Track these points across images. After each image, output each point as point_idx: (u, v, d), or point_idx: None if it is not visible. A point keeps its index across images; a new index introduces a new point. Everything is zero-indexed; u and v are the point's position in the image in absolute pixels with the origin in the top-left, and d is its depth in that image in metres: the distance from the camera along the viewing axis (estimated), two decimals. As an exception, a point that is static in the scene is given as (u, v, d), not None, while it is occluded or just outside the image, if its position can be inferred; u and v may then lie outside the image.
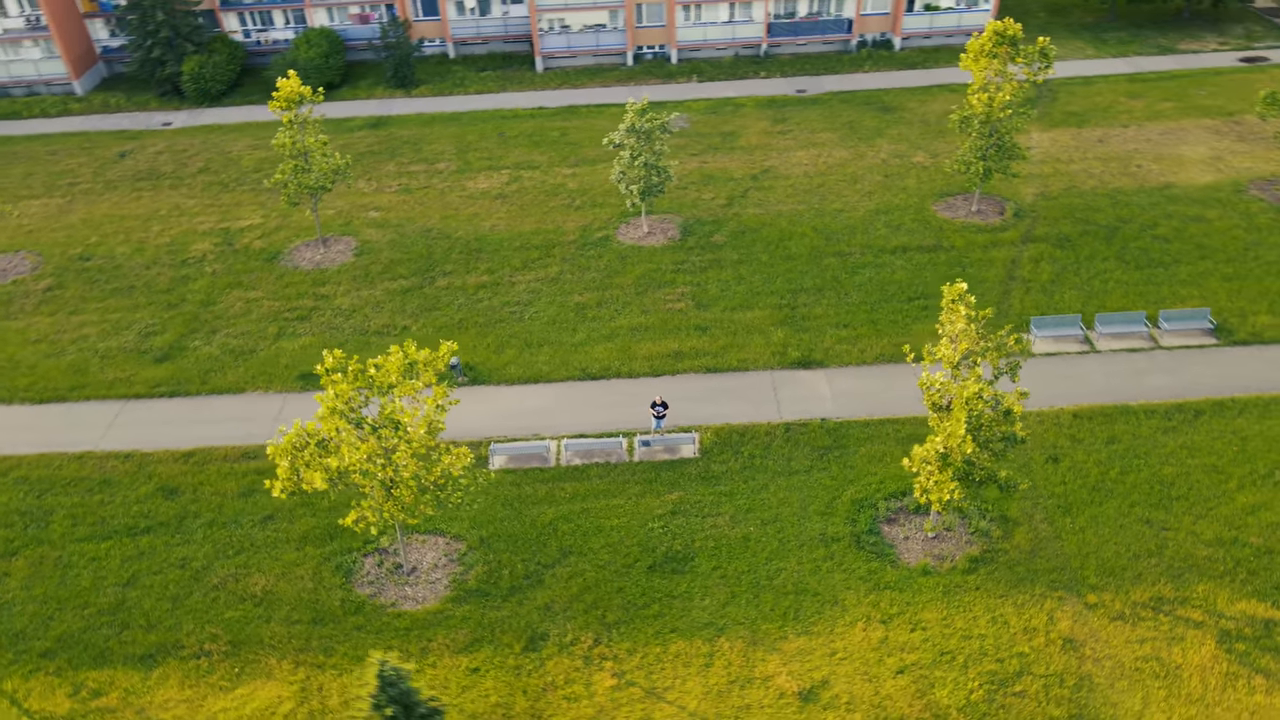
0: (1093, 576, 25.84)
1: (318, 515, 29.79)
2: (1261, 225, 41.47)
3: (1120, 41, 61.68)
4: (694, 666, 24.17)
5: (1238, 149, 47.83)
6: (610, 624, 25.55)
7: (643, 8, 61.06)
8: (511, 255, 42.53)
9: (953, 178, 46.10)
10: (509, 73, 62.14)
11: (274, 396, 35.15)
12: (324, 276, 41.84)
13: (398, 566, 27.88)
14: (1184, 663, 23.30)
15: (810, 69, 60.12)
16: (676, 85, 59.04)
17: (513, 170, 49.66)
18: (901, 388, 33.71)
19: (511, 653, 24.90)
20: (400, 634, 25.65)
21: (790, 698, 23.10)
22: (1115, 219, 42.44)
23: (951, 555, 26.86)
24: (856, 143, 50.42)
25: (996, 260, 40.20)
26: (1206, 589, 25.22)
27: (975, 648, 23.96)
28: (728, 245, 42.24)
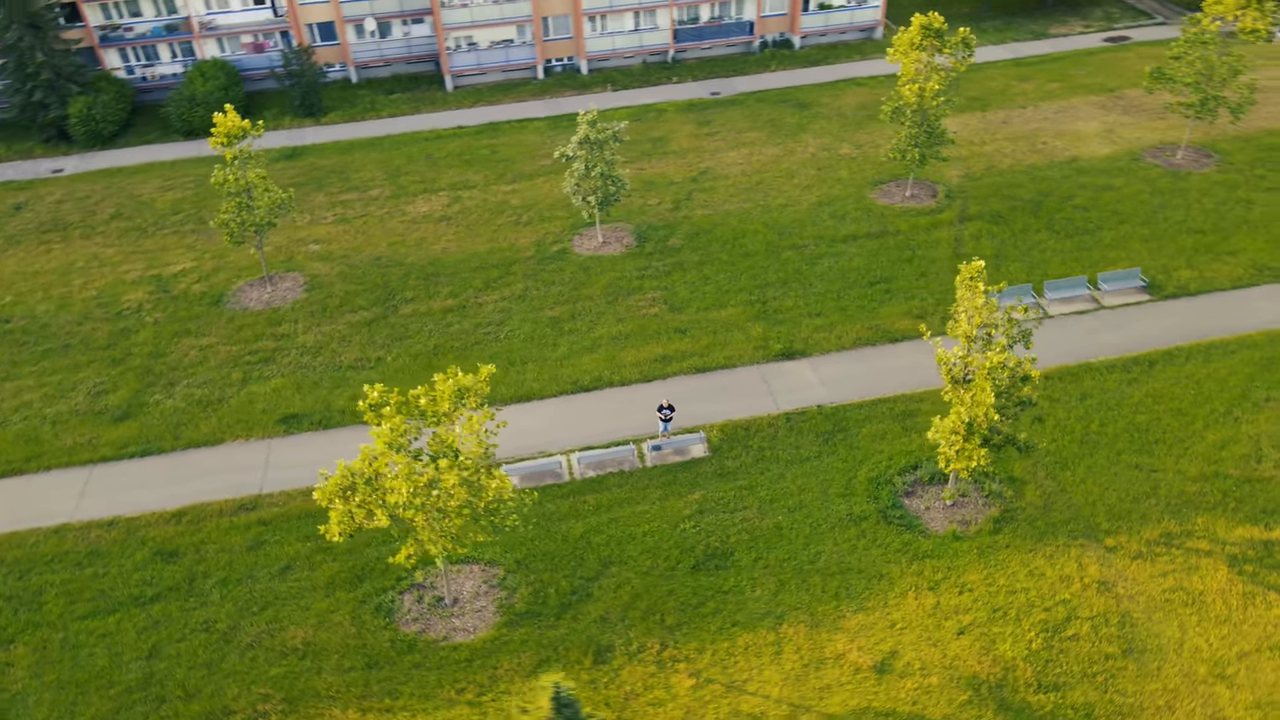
0: (1104, 522, 27.89)
1: (339, 559, 28.84)
2: (1163, 189, 45.33)
3: (997, 30, 65.92)
4: (765, 656, 24.78)
5: (1125, 121, 52.06)
6: (671, 626, 25.86)
7: (550, 21, 61.26)
8: (471, 276, 42.05)
9: (882, 166, 48.38)
10: (419, 94, 61.16)
11: (257, 444, 33.69)
12: (278, 316, 40.29)
13: (439, 600, 27.33)
14: (1205, 589, 25.50)
15: (719, 72, 61.69)
16: (592, 95, 59.50)
17: (450, 191, 49.02)
18: (884, 368, 35.29)
19: (582, 668, 24.87)
20: (462, 666, 25.20)
21: (866, 671, 24.03)
22: (1036, 193, 45.54)
23: (974, 519, 28.44)
24: (783, 139, 52.18)
25: (941, 240, 42.50)
26: (1205, 520, 27.63)
27: (1022, 601, 25.51)
28: (685, 247, 43.05)
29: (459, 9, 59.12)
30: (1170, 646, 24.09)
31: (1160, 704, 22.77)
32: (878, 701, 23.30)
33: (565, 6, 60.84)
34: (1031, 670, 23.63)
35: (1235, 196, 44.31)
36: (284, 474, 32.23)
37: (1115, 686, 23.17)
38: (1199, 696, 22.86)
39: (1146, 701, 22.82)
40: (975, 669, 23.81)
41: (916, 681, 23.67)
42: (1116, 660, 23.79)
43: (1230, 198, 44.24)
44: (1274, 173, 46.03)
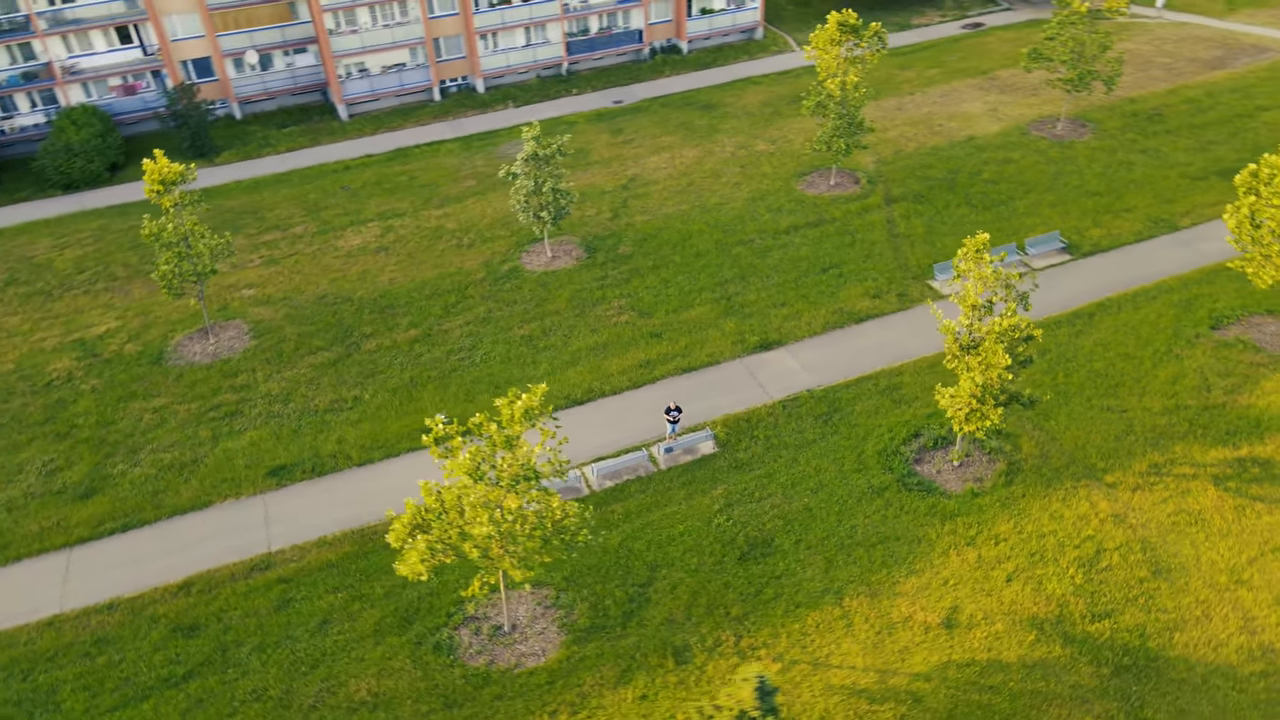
0: (1098, 462, 30.47)
1: (378, 605, 27.89)
2: (1055, 158, 49.48)
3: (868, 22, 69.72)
4: (837, 630, 25.78)
5: (1005, 100, 56.38)
6: (738, 617, 26.49)
7: (442, 42, 60.51)
8: (427, 304, 41.22)
9: (802, 158, 50.55)
10: (313, 125, 59.11)
11: (250, 501, 32.00)
12: (231, 367, 38.27)
13: (497, 629, 26.91)
14: (1201, 508, 28.34)
15: (616, 80, 62.61)
16: (495, 113, 59.20)
17: (380, 221, 47.76)
18: (857, 348, 37.06)
19: (665, 670, 25.14)
20: (545, 689, 24.97)
21: (936, 629, 25.42)
22: (947, 172, 48.77)
23: (985, 476, 30.45)
24: (700, 141, 53.61)
25: (874, 223, 44.89)
26: (1181, 448, 30.64)
27: (1053, 543, 27.59)
28: (637, 254, 43.67)
29: (349, 35, 57.56)
30: (1189, 563, 26.69)
31: (1198, 614, 25.23)
32: (955, 654, 24.73)
33: (457, 26, 60.29)
34: (1082, 603, 25.67)
35: (1117, 160, 48.90)
36: (290, 527, 30.79)
37: (1156, 606, 25.50)
38: (1227, 603, 25.47)
39: (1186, 614, 25.25)
40: (1032, 610, 25.65)
41: (984, 630, 25.27)
42: (1150, 582, 26.18)
43: (1113, 161, 48.79)
44: (1143, 136, 51.04)
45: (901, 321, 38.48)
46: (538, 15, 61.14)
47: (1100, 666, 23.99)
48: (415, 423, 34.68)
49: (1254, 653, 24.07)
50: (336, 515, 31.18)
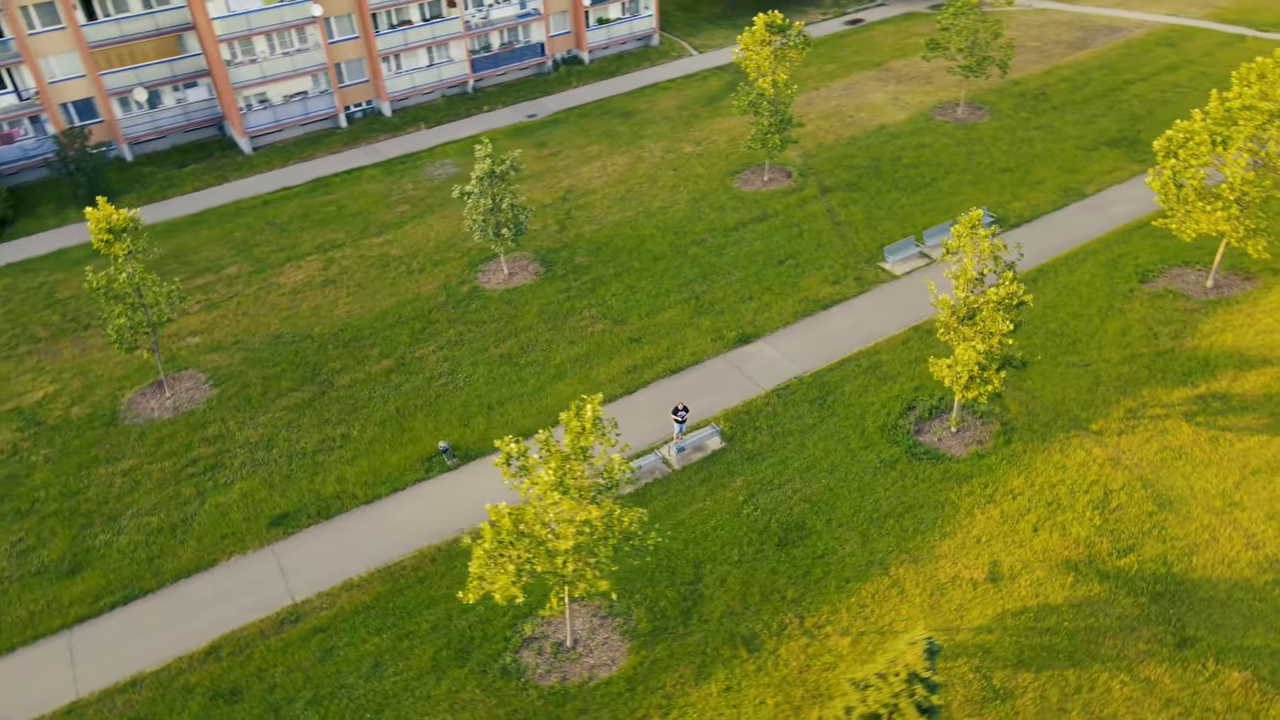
0: (1080, 413, 32.91)
1: (427, 640, 27.20)
2: (963, 140, 52.78)
3: (754, 24, 72.13)
4: (892, 598, 26.93)
5: (904, 89, 59.63)
6: (794, 600, 27.26)
7: (344, 67, 58.92)
8: (393, 333, 40.23)
9: (731, 157, 51.99)
10: (215, 162, 56.43)
11: (259, 554, 30.50)
12: (197, 419, 36.29)
13: (559, 646, 26.73)
14: (1180, 443, 31.08)
15: (524, 95, 62.51)
16: (409, 136, 58.09)
17: (318, 254, 46.16)
18: (831, 332, 38.55)
19: (740, 660, 25.64)
20: (628, 696, 25.01)
21: (983, 584, 26.94)
22: (869, 160, 51.24)
23: (984, 438, 32.38)
24: (626, 148, 54.28)
25: (816, 214, 46.72)
26: (1148, 392, 33.47)
27: (1064, 490, 29.67)
28: (594, 263, 43.92)
29: (248, 66, 55.28)
30: (1185, 494, 29.26)
31: (1206, 538, 27.73)
32: (1007, 604, 26.30)
33: (358, 50, 58.87)
34: (1105, 541, 27.76)
35: (1018, 137, 52.61)
36: (310, 575, 29.57)
37: (1169, 535, 27.85)
38: (1228, 524, 28.09)
39: (1196, 539, 27.69)
40: (1064, 554, 27.55)
41: (1027, 579, 26.97)
42: (1157, 515, 28.55)
43: (1015, 139, 52.47)
44: (1034, 115, 55.06)
45: (864, 304, 40.29)
46: (440, 34, 60.40)
47: (1138, 596, 26.09)
48: (414, 453, 33.91)
49: (1262, 565, 26.70)
50: (357, 556, 30.15)
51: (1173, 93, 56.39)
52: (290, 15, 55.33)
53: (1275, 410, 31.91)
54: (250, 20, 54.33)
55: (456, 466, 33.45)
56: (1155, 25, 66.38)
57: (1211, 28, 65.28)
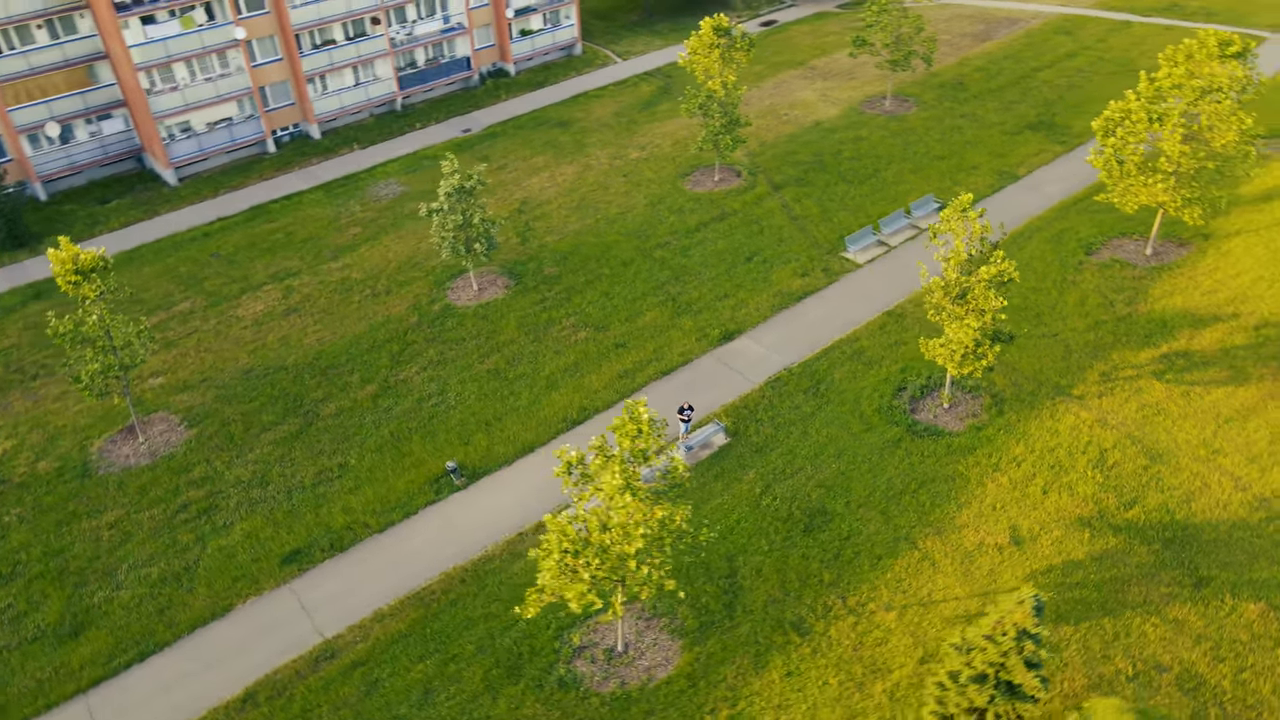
0: (1060, 380, 34.82)
1: (474, 661, 26.83)
2: (896, 131, 54.93)
3: (672, 29, 73.35)
4: (925, 570, 27.97)
5: (830, 85, 61.60)
6: (832, 582, 28.00)
7: (269, 90, 57.17)
8: (371, 358, 39.36)
9: (678, 160, 52.75)
10: (140, 196, 53.94)
11: (277, 594, 29.46)
12: (178, 462, 34.73)
13: (610, 652, 26.76)
14: (1155, 400, 33.25)
15: (455, 110, 61.89)
16: (343, 157, 56.77)
17: (275, 283, 44.69)
18: (809, 323, 39.62)
19: (793, 645, 26.20)
20: (690, 692, 25.24)
21: (1008, 548, 28.26)
22: (812, 155, 52.80)
23: (976, 411, 33.91)
24: (572, 156, 54.40)
25: (772, 210, 47.89)
26: (1117, 355, 35.67)
27: (1063, 453, 31.36)
28: (564, 273, 43.93)
29: (169, 94, 53.10)
30: (1170, 447, 31.34)
31: (1198, 485, 29.78)
32: (1034, 564, 27.68)
33: (283, 73, 57.25)
34: (1111, 497, 29.50)
35: (946, 126, 55.10)
36: (337, 610, 28.73)
37: (1165, 486, 29.79)
38: (1214, 470, 30.23)
39: (1189, 487, 29.71)
40: (1076, 512, 29.14)
41: (1047, 538, 28.44)
42: (1151, 468, 30.50)
43: (944, 127, 54.93)
44: (957, 104, 57.75)
45: (835, 294, 41.56)
46: (366, 53, 59.27)
47: (1150, 544, 27.84)
48: (419, 476, 33.33)
49: (1253, 505, 28.87)
50: (382, 586, 29.46)
51: (1077, 77, 60.01)
52: (211, 39, 53.39)
53: (1233, 363, 34.48)
54: (169, 46, 52.20)
55: (465, 486, 33.02)
56: (1050, 15, 70.48)
57: (1100, 15, 69.71)
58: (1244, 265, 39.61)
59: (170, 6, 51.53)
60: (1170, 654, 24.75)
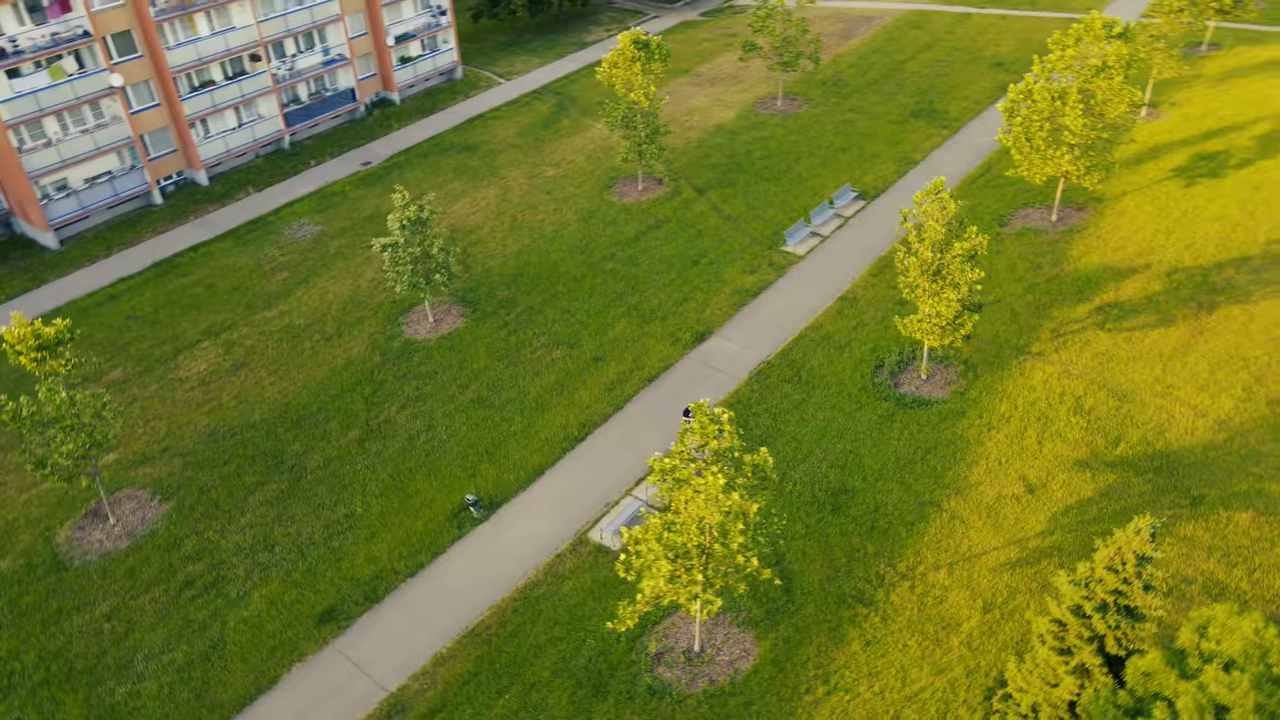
0: (1017, 340, 37.85)
1: (554, 686, 26.60)
2: (795, 129, 57.68)
3: (546, 48, 73.83)
4: (957, 529, 29.90)
5: (719, 90, 63.83)
6: (876, 552, 29.47)
7: (148, 138, 53.68)
8: (343, 403, 37.93)
9: (597, 173, 53.39)
10: (17, 264, 49.45)
11: (323, 655, 28.11)
12: (163, 539, 32.39)
13: (688, 653, 27.17)
14: (1105, 347, 36.73)
15: (346, 143, 60.02)
16: (241, 203, 53.99)
17: (211, 339, 42.15)
18: (772, 316, 41.23)
19: (863, 615, 27.46)
20: (780, 677, 26.02)
21: (1025, 497, 30.61)
22: (726, 158, 54.68)
23: (953, 379, 36.39)
24: (488, 180, 53.98)
25: (703, 213, 49.33)
26: (1058, 313, 39.10)
27: (1044, 405, 34.16)
28: (518, 295, 43.71)
29: (42, 150, 49.00)
30: (1131, 388, 34.78)
31: (1164, 418, 33.20)
32: (1052, 507, 30.12)
33: (162, 118, 53.95)
34: (1098, 438, 32.46)
35: (840, 120, 58.35)
36: (394, 661, 27.77)
37: (1139, 422, 33.04)
38: (1174, 402, 33.81)
39: (1159, 421, 33.07)
40: (1072, 456, 31.89)
41: (1057, 483, 30.99)
42: (1122, 408, 33.75)
43: (838, 121, 58.14)
44: (842, 99, 61.20)
45: (787, 286, 43.39)
46: (248, 91, 56.61)
47: (1144, 474, 30.91)
48: (436, 514, 32.58)
49: (1214, 429, 32.52)
50: (434, 628, 28.68)
51: (940, 67, 64.87)
52: (85, 89, 49.65)
53: (1158, 307, 38.58)
54: (40, 99, 48.18)
55: (486, 517, 32.51)
56: (898, 12, 75.69)
57: (942, 10, 75.50)
58: (1139, 222, 44.30)
59: (37, 57, 47.62)
60: (1190, 567, 27.68)
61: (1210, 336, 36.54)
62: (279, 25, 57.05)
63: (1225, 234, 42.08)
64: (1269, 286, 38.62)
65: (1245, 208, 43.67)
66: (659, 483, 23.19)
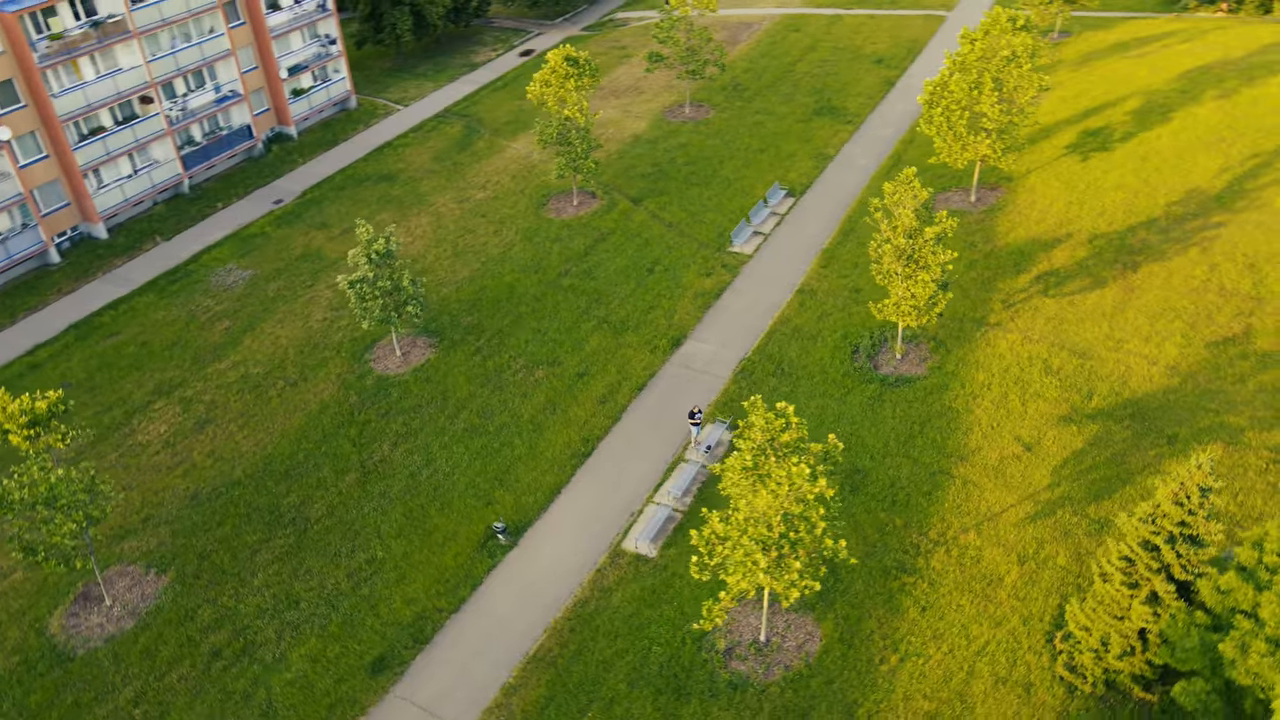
0: (974, 313, 40.53)
1: (632, 698, 26.82)
2: (710, 134, 59.33)
3: (436, 71, 72.83)
4: (972, 492, 31.87)
5: (624, 102, 64.83)
6: (905, 524, 31.05)
7: (38, 193, 49.84)
8: (330, 448, 36.63)
9: (524, 193, 53.34)
10: (-90, 341, 44.94)
11: (386, 704, 27.28)
12: (174, 613, 30.49)
13: (756, 644, 27.90)
14: (1052, 312, 39.87)
15: (251, 183, 57.50)
16: (149, 254, 50.82)
17: (163, 398, 39.69)
18: (738, 314, 42.52)
19: (911, 582, 28.94)
20: (853, 652, 27.12)
21: (1025, 455, 32.95)
22: (651, 167, 55.70)
23: (926, 356, 38.66)
24: (417, 208, 52.97)
25: (644, 223, 50.17)
26: (1003, 285, 42.11)
27: (1017, 370, 36.78)
28: (482, 321, 43.24)
29: (-73, 215, 44.79)
30: (1085, 346, 37.87)
31: (1124, 367, 36.24)
32: (1051, 462, 32.55)
33: (51, 171, 50.32)
34: (1073, 394, 35.25)
35: (750, 122, 60.45)
36: (461, 699, 27.25)
37: (1102, 375, 36.02)
38: (1126, 355, 37.04)
39: (1119, 373, 36.19)
40: (1055, 413, 34.54)
41: (1049, 438, 33.49)
42: (1085, 364, 36.65)
43: (749, 124, 60.22)
44: (747, 103, 63.30)
45: (745, 285, 44.81)
46: (142, 135, 53.43)
47: (1122, 422, 33.87)
48: (463, 547, 32.10)
49: (1167, 374, 35.97)
50: (494, 660, 28.32)
51: (828, 66, 68.14)
52: (-32, 145, 45.73)
53: (1089, 272, 42.21)
54: (-81, 160, 44.06)
55: (514, 543, 32.22)
56: (775, 17, 78.96)
57: (814, 13, 79.26)
58: (1050, 195, 48.26)
59: (-88, 113, 43.54)
60: (1184, 498, 30.71)
61: (1140, 293, 40.36)
62: (169, 64, 54.16)
63: (1129, 201, 46.49)
64: (1177, 244, 42.98)
65: (1139, 175, 48.36)
66: (735, 484, 23.86)
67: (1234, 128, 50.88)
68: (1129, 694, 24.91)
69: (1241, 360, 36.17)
